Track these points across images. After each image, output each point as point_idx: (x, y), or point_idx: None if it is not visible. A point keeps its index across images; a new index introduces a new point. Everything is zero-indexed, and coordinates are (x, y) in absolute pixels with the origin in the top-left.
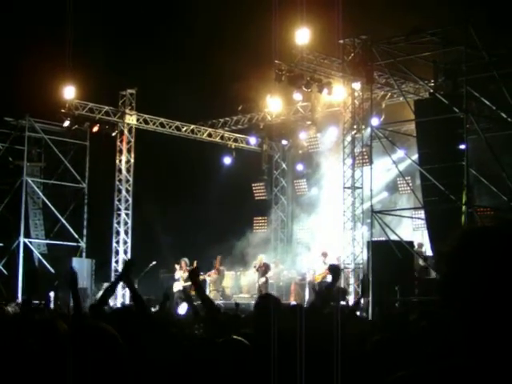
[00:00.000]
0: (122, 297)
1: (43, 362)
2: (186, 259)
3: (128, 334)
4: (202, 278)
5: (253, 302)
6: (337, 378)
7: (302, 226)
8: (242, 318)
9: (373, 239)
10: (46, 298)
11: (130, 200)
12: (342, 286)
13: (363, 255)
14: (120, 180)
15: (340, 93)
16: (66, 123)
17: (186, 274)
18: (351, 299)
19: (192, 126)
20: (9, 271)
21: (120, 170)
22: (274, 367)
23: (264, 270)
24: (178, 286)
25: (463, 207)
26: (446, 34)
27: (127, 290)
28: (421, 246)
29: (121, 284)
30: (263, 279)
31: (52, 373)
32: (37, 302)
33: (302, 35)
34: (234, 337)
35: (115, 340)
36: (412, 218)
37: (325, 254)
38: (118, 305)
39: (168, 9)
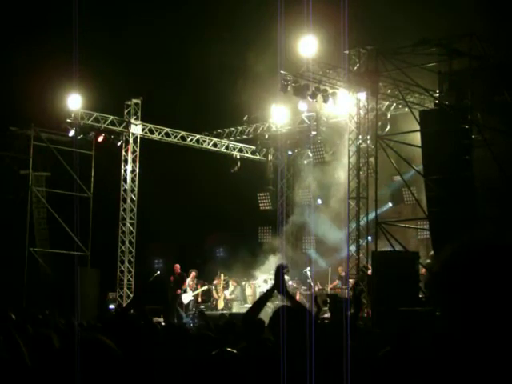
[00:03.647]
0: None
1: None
2: (195, 270)
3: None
4: (206, 287)
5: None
6: None
7: (307, 237)
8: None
9: (378, 250)
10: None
11: (135, 209)
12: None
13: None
14: (125, 190)
15: (345, 103)
16: (72, 133)
17: (193, 284)
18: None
19: (197, 136)
20: (13, 281)
21: (125, 180)
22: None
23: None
24: (187, 297)
25: (468, 218)
26: (451, 45)
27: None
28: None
29: (126, 293)
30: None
31: None
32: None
33: (308, 45)
34: (228, 349)
35: (112, 353)
36: (417, 228)
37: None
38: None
39: (173, 19)
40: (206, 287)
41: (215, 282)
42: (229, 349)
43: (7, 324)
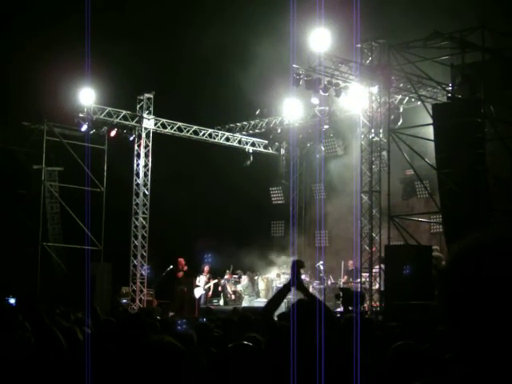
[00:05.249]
0: (139, 301)
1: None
2: (208, 265)
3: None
4: (217, 280)
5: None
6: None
7: (320, 231)
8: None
9: (390, 244)
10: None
11: (148, 204)
12: (360, 290)
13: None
14: (138, 184)
15: (358, 97)
16: (84, 127)
17: (206, 279)
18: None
19: (210, 130)
20: (27, 276)
21: (138, 174)
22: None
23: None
24: (198, 292)
25: (481, 212)
26: (464, 38)
27: (145, 293)
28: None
29: (139, 288)
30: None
31: None
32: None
33: (320, 39)
34: (244, 342)
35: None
36: (430, 222)
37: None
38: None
39: (186, 13)
40: (216, 281)
41: (227, 277)
42: (245, 342)
43: (38, 311)
